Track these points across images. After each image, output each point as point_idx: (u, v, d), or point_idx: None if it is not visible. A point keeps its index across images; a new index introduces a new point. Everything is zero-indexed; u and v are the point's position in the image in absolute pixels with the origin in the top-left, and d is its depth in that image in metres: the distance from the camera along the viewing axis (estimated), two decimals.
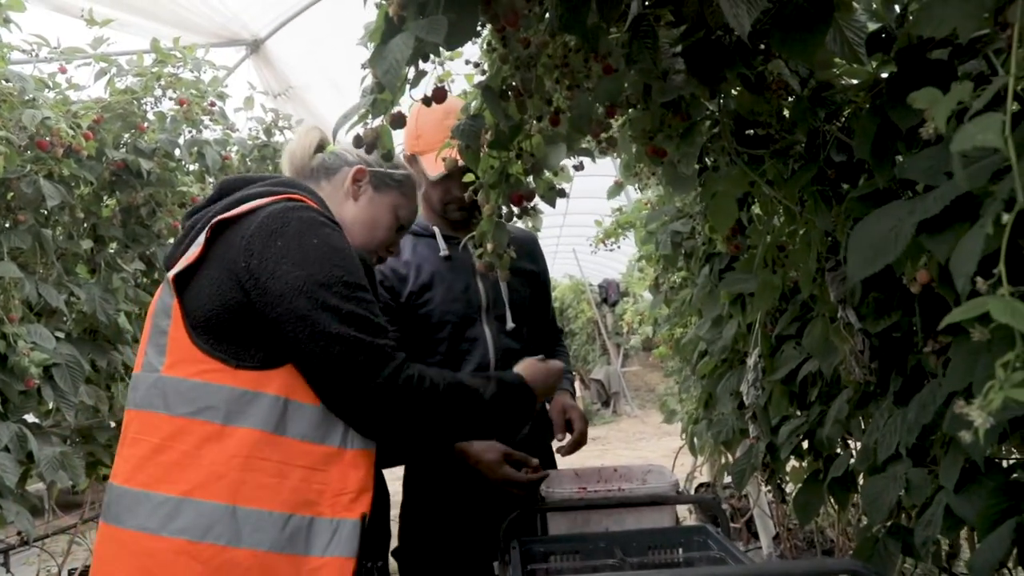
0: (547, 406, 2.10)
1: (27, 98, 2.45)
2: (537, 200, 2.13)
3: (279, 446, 1.15)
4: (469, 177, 1.83)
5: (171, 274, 1.20)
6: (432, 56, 1.28)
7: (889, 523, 1.51)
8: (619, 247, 4.63)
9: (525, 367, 1.54)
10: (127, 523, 1.14)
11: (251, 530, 1.11)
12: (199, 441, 1.14)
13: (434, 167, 1.95)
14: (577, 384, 11.32)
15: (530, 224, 2.32)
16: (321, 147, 1.53)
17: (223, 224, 1.22)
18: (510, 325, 2.06)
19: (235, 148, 3.51)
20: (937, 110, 0.75)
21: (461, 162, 1.62)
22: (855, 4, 1.25)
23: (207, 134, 3.30)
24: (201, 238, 1.21)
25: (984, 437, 0.67)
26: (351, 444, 1.20)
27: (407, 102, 1.41)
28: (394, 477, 1.56)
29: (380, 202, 1.52)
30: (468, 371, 2.01)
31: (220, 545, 1.11)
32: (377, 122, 1.27)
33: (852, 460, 1.73)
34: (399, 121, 1.30)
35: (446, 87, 1.47)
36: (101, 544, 1.19)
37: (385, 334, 1.22)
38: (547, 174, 1.94)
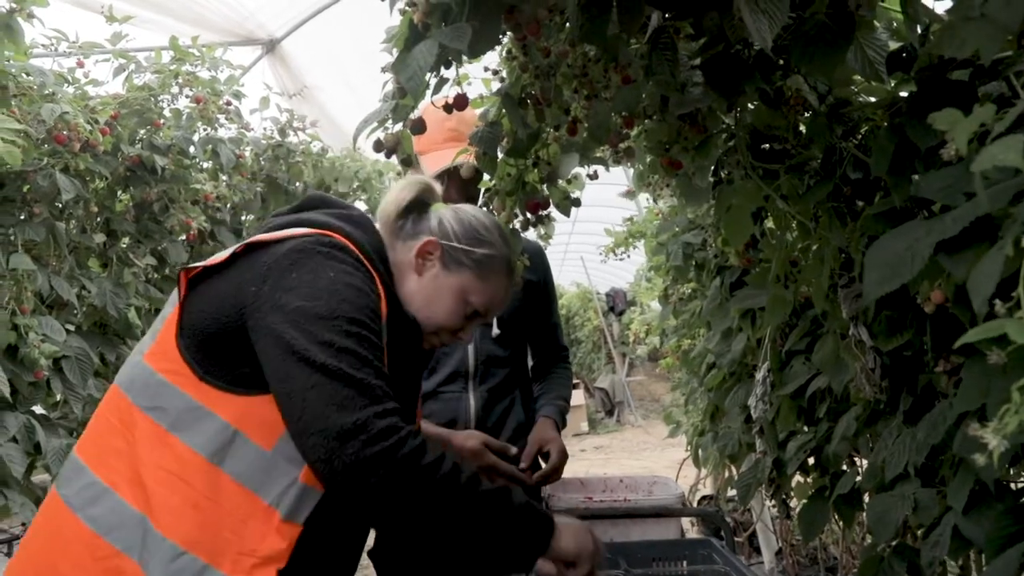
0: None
1: (46, 92, 2.47)
2: (551, 208, 2.13)
3: (208, 476, 1.06)
4: (485, 183, 1.84)
5: (184, 271, 1.19)
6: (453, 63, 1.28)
7: (895, 542, 1.51)
8: (628, 256, 4.63)
9: (566, 527, 1.21)
10: (61, 490, 1.13)
11: (147, 548, 1.05)
12: (141, 438, 1.10)
13: (433, 166, 1.93)
14: (582, 392, 11.26)
15: (542, 232, 2.33)
16: (419, 205, 1.36)
17: (255, 245, 1.16)
18: (495, 331, 2.03)
19: (249, 147, 3.52)
20: (958, 131, 0.76)
21: (465, 167, 1.58)
22: (876, 23, 1.25)
23: (222, 132, 3.32)
24: (229, 251, 1.18)
25: (997, 460, 0.67)
26: (285, 510, 1.07)
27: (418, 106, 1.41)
28: None
29: (446, 282, 1.31)
30: (442, 382, 1.97)
31: (116, 548, 1.06)
32: (398, 127, 1.28)
33: (859, 478, 1.73)
34: (419, 126, 1.31)
35: (461, 90, 1.48)
36: (47, 502, 1.17)
37: (383, 379, 1.06)
38: (561, 183, 1.94)
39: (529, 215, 1.90)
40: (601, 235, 5.03)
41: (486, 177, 1.95)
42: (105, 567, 1.06)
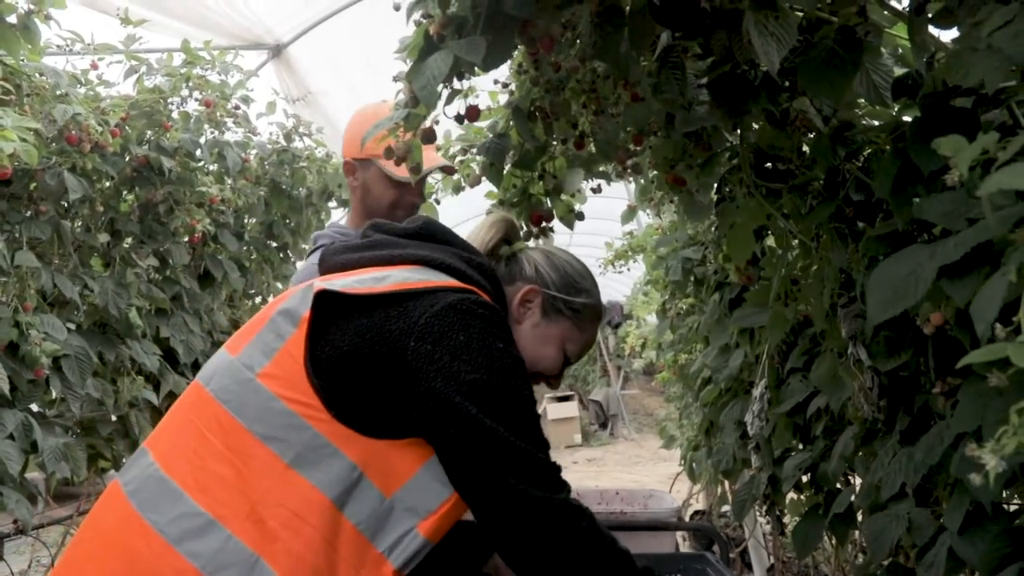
0: None
1: (59, 92, 2.49)
2: (554, 221, 2.16)
3: (332, 519, 1.03)
4: (492, 194, 1.86)
5: (319, 287, 1.09)
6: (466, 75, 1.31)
7: (888, 561, 1.52)
8: (628, 269, 4.65)
9: None
10: (148, 515, 1.02)
11: None
12: (259, 471, 1.03)
13: (398, 169, 1.88)
14: (575, 404, 11.27)
15: (541, 242, 2.36)
16: (507, 241, 1.35)
17: (406, 291, 1.10)
18: None
19: (255, 151, 3.54)
20: (961, 157, 0.78)
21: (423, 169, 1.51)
22: (883, 49, 1.28)
23: (228, 136, 3.33)
24: (376, 285, 1.11)
25: (994, 481, 0.68)
26: (397, 561, 1.06)
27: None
28: None
29: (547, 331, 1.30)
30: None
31: None
32: (408, 136, 1.30)
33: (854, 496, 1.74)
34: (430, 136, 1.32)
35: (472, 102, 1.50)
36: (108, 509, 1.07)
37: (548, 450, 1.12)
38: (565, 196, 1.97)
39: (533, 227, 1.92)
40: (599, 248, 5.05)
41: (491, 188, 1.98)
42: None
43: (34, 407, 2.72)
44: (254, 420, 1.05)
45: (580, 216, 1.96)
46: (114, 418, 3.14)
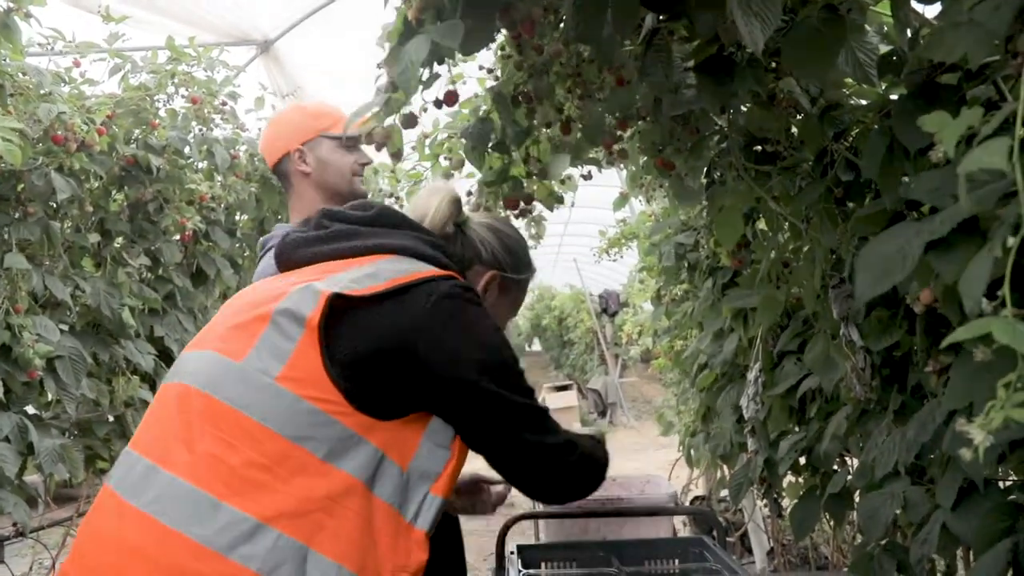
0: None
1: (43, 92, 2.47)
2: (541, 209, 2.15)
3: (366, 500, 1.10)
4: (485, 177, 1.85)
5: (327, 291, 1.12)
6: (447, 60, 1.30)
7: (884, 540, 1.53)
8: (622, 257, 4.65)
9: None
10: (189, 529, 1.04)
11: (308, 572, 1.05)
12: (295, 469, 1.07)
13: (351, 129, 1.85)
14: (574, 393, 11.27)
15: (533, 231, 2.35)
16: (457, 212, 1.40)
17: (404, 285, 1.16)
18: None
19: (244, 147, 3.52)
20: (946, 134, 0.77)
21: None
22: (867, 27, 1.27)
23: (217, 133, 3.31)
24: (373, 283, 1.15)
25: (984, 455, 0.68)
26: (421, 524, 1.15)
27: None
28: None
29: (502, 306, 1.44)
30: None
31: None
32: (389, 121, 1.29)
33: (849, 477, 1.74)
34: (411, 121, 1.32)
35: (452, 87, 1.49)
36: (130, 531, 1.07)
37: None
38: (554, 183, 1.96)
39: (510, 211, 1.91)
40: (594, 236, 5.05)
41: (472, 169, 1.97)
42: None
43: (30, 409, 2.71)
44: (283, 423, 1.08)
45: (560, 199, 1.95)
46: (111, 418, 3.13)
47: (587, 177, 2.24)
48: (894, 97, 1.32)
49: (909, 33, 1.20)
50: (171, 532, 1.04)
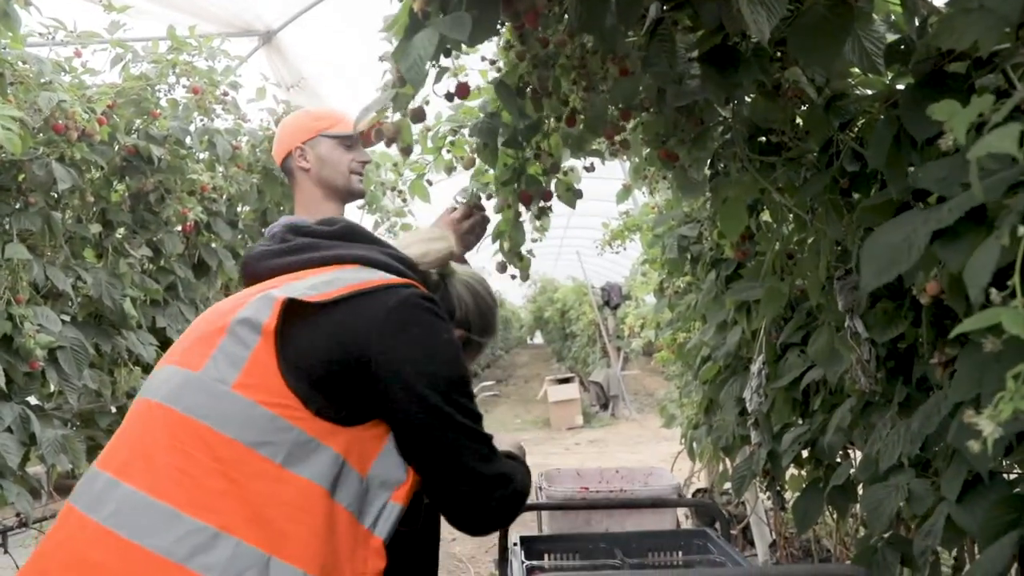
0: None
1: (43, 81, 2.46)
2: (552, 200, 2.14)
3: (328, 506, 1.09)
4: (487, 177, 1.84)
5: (282, 296, 1.13)
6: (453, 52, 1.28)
7: (888, 533, 1.52)
8: (625, 249, 4.64)
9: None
10: (145, 541, 1.03)
11: None
12: (253, 475, 1.06)
13: (345, 127, 1.92)
14: (576, 386, 11.26)
15: (539, 224, 2.34)
16: (447, 263, 1.44)
17: (360, 292, 1.17)
18: None
19: (246, 138, 3.51)
20: (956, 122, 0.76)
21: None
22: (874, 15, 1.26)
23: (218, 123, 3.30)
24: (330, 289, 1.16)
25: (992, 447, 0.67)
26: (379, 531, 1.15)
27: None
28: None
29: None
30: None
31: None
32: (397, 116, 1.28)
33: (853, 469, 1.74)
34: (419, 115, 1.31)
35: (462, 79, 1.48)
36: (90, 546, 1.06)
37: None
38: (563, 176, 1.95)
39: (526, 207, 1.90)
40: (597, 229, 5.03)
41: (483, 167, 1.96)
42: None
43: (32, 400, 2.71)
44: (240, 429, 1.07)
45: (579, 194, 1.94)
46: (113, 409, 3.13)
47: (590, 169, 2.23)
48: (900, 87, 1.31)
49: (917, 21, 1.18)
50: (130, 545, 1.03)
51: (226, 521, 1.04)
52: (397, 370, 1.14)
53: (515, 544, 1.48)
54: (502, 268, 2.00)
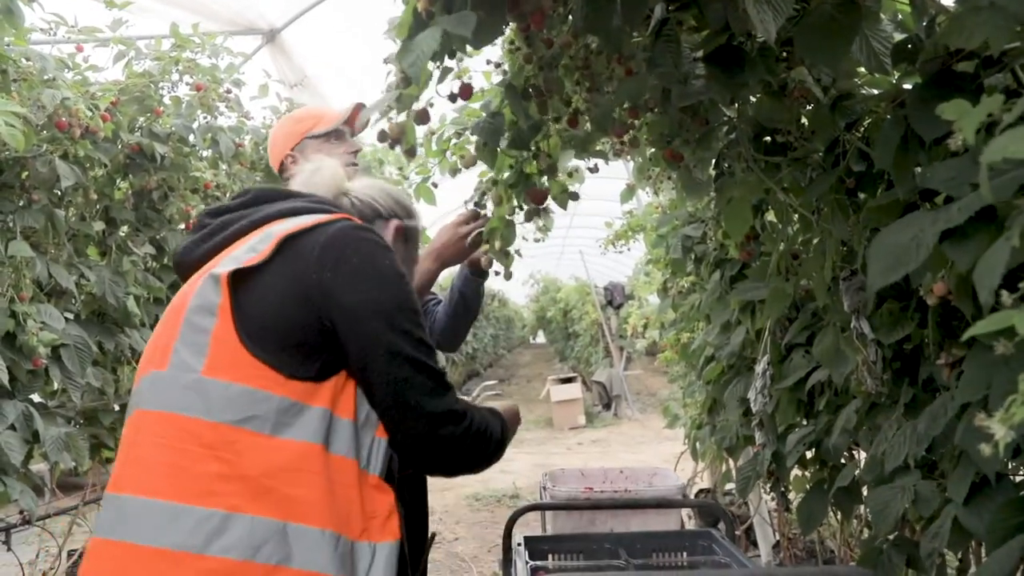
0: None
1: (47, 78, 2.45)
2: (549, 201, 2.13)
3: (327, 461, 1.10)
4: (484, 173, 1.83)
5: (224, 272, 1.13)
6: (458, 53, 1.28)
7: (893, 534, 1.51)
8: (629, 249, 4.63)
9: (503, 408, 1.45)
10: (159, 541, 1.04)
11: (303, 549, 1.06)
12: (246, 451, 1.06)
13: (329, 125, 1.96)
14: (579, 386, 11.25)
15: (541, 223, 2.33)
16: (343, 181, 1.44)
17: (289, 237, 1.17)
18: None
19: (249, 136, 3.50)
20: (966, 122, 0.75)
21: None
22: (882, 14, 1.25)
23: (222, 121, 3.30)
24: (264, 246, 1.15)
25: (1003, 451, 0.67)
26: (373, 468, 1.16)
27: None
28: None
29: (407, 253, 1.45)
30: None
31: (271, 565, 1.04)
32: (401, 117, 1.27)
33: (858, 471, 1.73)
34: (424, 117, 1.30)
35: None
36: (115, 563, 1.07)
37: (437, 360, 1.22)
38: (560, 176, 1.94)
39: (538, 205, 1.89)
40: (600, 228, 5.02)
41: (484, 168, 1.96)
42: None
43: (36, 398, 2.71)
44: (221, 411, 1.08)
45: (575, 196, 1.93)
46: (116, 407, 3.13)
47: (593, 170, 2.22)
48: (907, 86, 1.30)
49: (925, 20, 1.18)
50: (147, 550, 1.05)
51: (232, 502, 1.05)
52: (341, 303, 1.12)
53: (519, 544, 1.47)
54: (487, 264, 1.99)
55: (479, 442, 1.20)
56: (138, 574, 1.05)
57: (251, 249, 1.17)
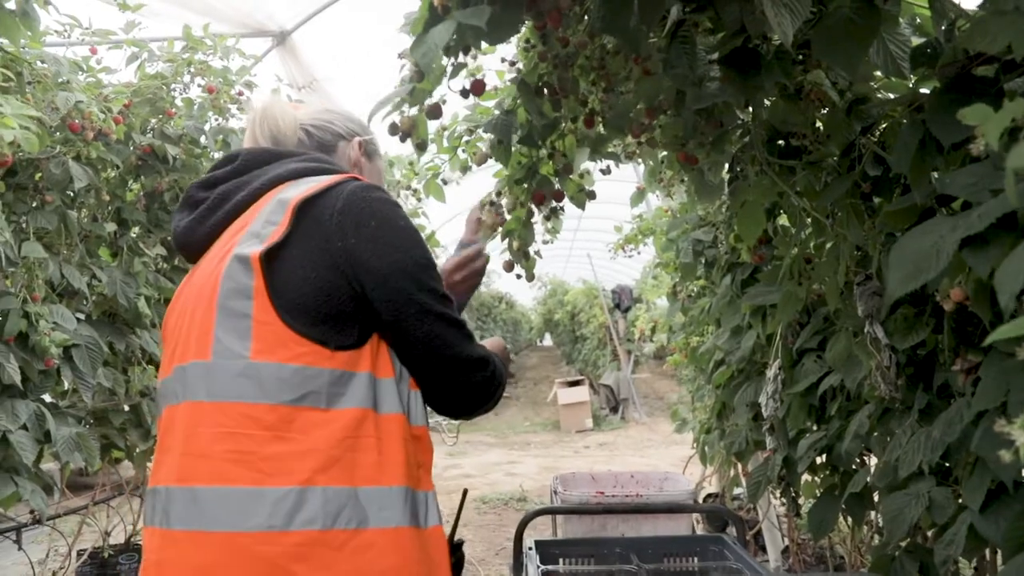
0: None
1: (61, 80, 2.46)
2: (564, 201, 2.13)
3: (377, 422, 1.14)
4: (500, 174, 1.84)
5: (253, 252, 1.13)
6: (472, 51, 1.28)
7: (906, 542, 1.50)
8: (639, 253, 4.62)
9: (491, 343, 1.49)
10: (244, 525, 1.07)
11: (377, 509, 1.10)
12: (307, 428, 1.10)
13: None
14: (586, 389, 11.23)
15: (550, 226, 2.33)
16: (295, 119, 1.41)
17: (304, 204, 1.17)
18: None
19: None
20: (990, 127, 0.75)
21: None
22: (900, 18, 1.24)
23: (233, 122, 3.31)
24: (279, 216, 1.16)
25: (1023, 457, 0.66)
26: (414, 420, 1.20)
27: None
28: None
29: (372, 168, 1.43)
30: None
31: (351, 529, 1.08)
32: (413, 111, 1.27)
33: (870, 477, 1.72)
34: (435, 112, 1.30)
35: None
36: (204, 552, 1.08)
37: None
38: (574, 176, 1.94)
39: (537, 207, 1.89)
40: (608, 231, 5.02)
41: (496, 168, 1.95)
42: (351, 550, 1.08)
43: (47, 398, 2.72)
44: (277, 393, 1.10)
45: (592, 195, 1.93)
46: (126, 407, 3.14)
47: (606, 172, 2.22)
48: (924, 90, 1.30)
49: (944, 24, 1.17)
50: (230, 536, 1.07)
51: (303, 477, 1.08)
52: (368, 267, 1.14)
53: (530, 548, 1.47)
54: (508, 267, 1.99)
55: (501, 383, 1.27)
56: (231, 559, 1.07)
57: (267, 222, 1.16)
